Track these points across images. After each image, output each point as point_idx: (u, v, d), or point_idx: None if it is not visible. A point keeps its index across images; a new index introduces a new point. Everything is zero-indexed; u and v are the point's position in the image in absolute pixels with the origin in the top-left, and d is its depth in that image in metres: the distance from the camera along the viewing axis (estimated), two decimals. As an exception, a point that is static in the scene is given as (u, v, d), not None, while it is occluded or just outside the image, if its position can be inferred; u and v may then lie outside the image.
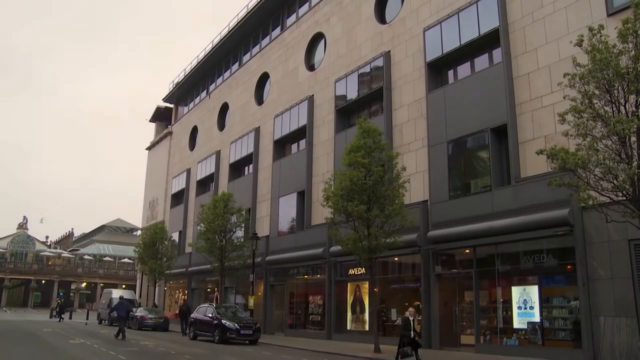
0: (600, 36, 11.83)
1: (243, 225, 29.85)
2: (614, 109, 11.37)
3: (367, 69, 24.51)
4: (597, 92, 11.61)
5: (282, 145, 31.04)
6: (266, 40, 35.19)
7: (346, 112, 25.98)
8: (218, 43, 39.47)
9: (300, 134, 28.88)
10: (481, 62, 19.82)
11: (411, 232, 19.09)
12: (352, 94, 25.20)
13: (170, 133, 49.65)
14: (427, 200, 20.02)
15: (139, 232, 65.95)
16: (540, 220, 15.52)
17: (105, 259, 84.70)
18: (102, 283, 76.22)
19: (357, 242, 17.92)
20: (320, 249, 24.36)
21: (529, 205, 16.02)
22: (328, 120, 26.58)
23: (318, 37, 29.56)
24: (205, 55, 41.60)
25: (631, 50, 11.28)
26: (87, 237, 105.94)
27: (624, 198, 11.19)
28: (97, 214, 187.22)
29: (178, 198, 44.73)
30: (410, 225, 18.14)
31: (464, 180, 19.24)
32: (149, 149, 55.27)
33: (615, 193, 11.27)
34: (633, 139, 11.04)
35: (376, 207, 17.92)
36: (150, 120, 54.86)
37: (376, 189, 17.87)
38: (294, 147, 30.34)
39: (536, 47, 17.25)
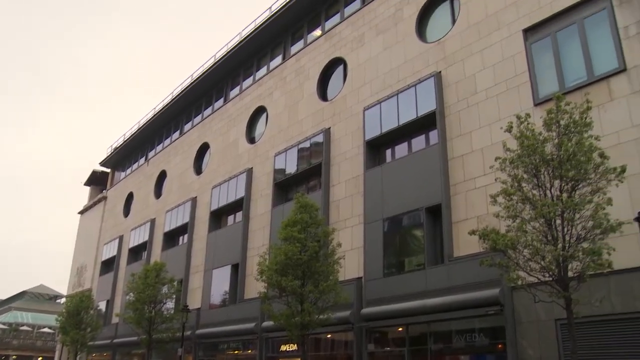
0: (528, 124, 12.52)
1: (174, 296, 29.00)
2: (541, 193, 11.89)
3: (307, 144, 24.89)
4: (525, 176, 12.15)
5: (218, 217, 30.75)
6: (208, 110, 35.48)
7: (284, 186, 26.12)
8: (160, 110, 39.51)
9: (238, 206, 28.74)
10: (418, 142, 20.44)
11: (345, 309, 18.98)
12: (291, 168, 25.45)
13: (104, 198, 48.55)
14: (361, 277, 20.05)
15: (63, 300, 62.87)
16: (471, 299, 15.72)
17: (22, 328, 79.11)
18: (15, 355, 70.65)
19: (289, 317, 17.64)
20: (252, 323, 23.85)
21: (461, 285, 16.24)
22: (266, 193, 26.64)
23: (260, 111, 30.00)
24: (147, 122, 41.45)
25: (555, 139, 11.98)
26: (5, 304, 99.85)
27: (551, 279, 11.53)
28: (18, 279, 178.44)
29: (108, 265, 43.25)
30: (344, 302, 18.02)
31: (398, 258, 19.43)
32: (81, 213, 53.67)
33: (542, 274, 11.60)
34: (558, 221, 11.52)
35: (310, 282, 17.80)
36: (85, 184, 53.52)
37: (311, 264, 17.80)
38: (231, 218, 30.11)
39: (470, 131, 17.97)
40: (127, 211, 43.58)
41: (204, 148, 34.72)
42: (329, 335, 21.02)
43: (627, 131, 13.95)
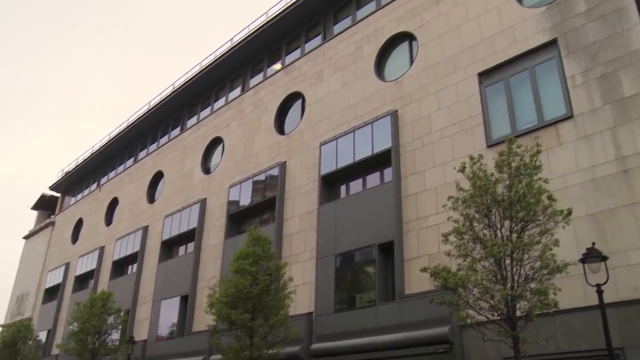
0: (480, 165, 12.82)
1: (120, 327, 28.21)
2: (492, 233, 12.13)
3: (262, 177, 24.86)
4: (477, 215, 12.39)
5: (169, 247, 30.26)
6: (165, 138, 35.18)
7: (238, 218, 25.94)
8: (115, 136, 38.91)
9: (190, 236, 28.35)
10: (373, 179, 20.63)
11: (295, 344, 18.79)
12: (246, 200, 25.33)
13: (52, 223, 47.17)
14: (312, 313, 19.92)
15: (-1, 330, 60.13)
16: (422, 337, 15.77)
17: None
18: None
19: (238, 352, 17.34)
20: (200, 357, 23.33)
21: (412, 322, 16.29)
22: (219, 225, 26.39)
23: (217, 141, 29.91)
24: (101, 147, 40.69)
25: (506, 180, 12.29)
26: None
27: (499, 317, 11.69)
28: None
29: (52, 293, 41.77)
30: (294, 337, 17.85)
31: (349, 294, 19.41)
32: (26, 238, 51.95)
33: (491, 312, 11.75)
34: (507, 261, 11.75)
35: (260, 316, 17.60)
36: (33, 208, 51.90)
37: (262, 298, 17.63)
38: (182, 249, 29.65)
39: (424, 170, 18.26)
40: (75, 237, 42.42)
41: (158, 176, 34.29)
42: (277, 371, 20.72)
43: (573, 175, 14.43)
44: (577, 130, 14.88)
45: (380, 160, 19.94)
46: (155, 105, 34.79)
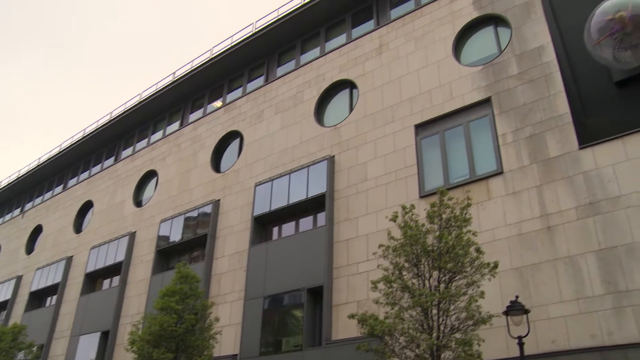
0: (412, 215, 13.06)
1: (32, 364, 26.76)
2: (420, 282, 12.30)
3: (194, 214, 24.51)
4: (406, 264, 12.56)
5: (93, 279, 29.21)
6: (97, 168, 34.30)
7: (167, 254, 25.38)
8: (45, 162, 37.65)
9: (116, 269, 27.48)
10: (306, 223, 20.65)
11: (216, 386, 18.34)
12: (176, 236, 24.86)
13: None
14: (237, 355, 19.50)
15: None
16: (345, 384, 15.66)
17: None
18: None
19: (159, 392, 16.79)
20: (115, 397, 22.45)
21: (336, 369, 16.18)
22: (147, 259, 25.74)
23: (151, 174, 29.39)
24: (28, 172, 39.25)
25: (436, 231, 12.55)
26: None
27: (424, 367, 11.77)
28: None
29: (-40, 325, 39.51)
30: (217, 379, 17.46)
31: (276, 337, 19.15)
32: None
33: (416, 362, 11.82)
34: (434, 311, 11.91)
35: (184, 356, 17.12)
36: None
37: (186, 337, 17.20)
38: (107, 282, 28.67)
39: (357, 217, 18.42)
40: (-11, 266, 40.46)
41: (87, 206, 33.28)
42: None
43: (501, 229, 14.88)
44: (506, 186, 15.42)
45: (314, 205, 20.03)
46: (90, 134, 33.97)
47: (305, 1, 24.39)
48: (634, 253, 12.57)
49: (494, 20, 18.63)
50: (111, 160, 33.55)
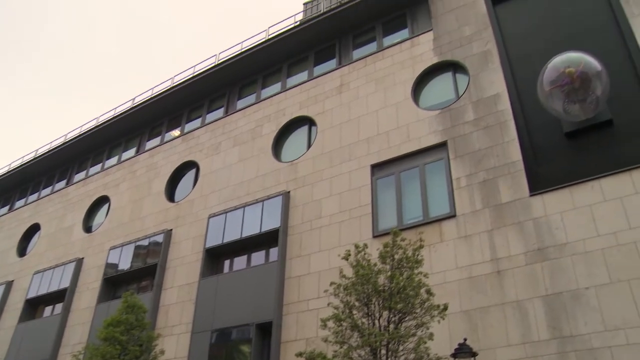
0: (365, 254, 13.09)
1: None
2: (370, 322, 12.26)
3: (145, 242, 24.07)
4: (357, 304, 12.51)
5: (34, 306, 28.16)
6: (47, 190, 33.43)
7: (115, 283, 24.76)
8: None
9: (59, 296, 26.57)
10: (258, 257, 20.48)
11: (157, 421, 17.78)
12: (125, 264, 24.31)
13: None
14: (180, 389, 19.08)
15: None
16: None
17: None
18: None
19: None
20: None
21: (281, 407, 15.91)
22: (93, 287, 25.04)
23: (103, 200, 28.80)
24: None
25: (388, 271, 12.57)
26: None
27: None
28: None
29: None
30: (158, 414, 16.95)
31: (221, 372, 18.78)
32: None
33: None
34: (383, 351, 11.85)
35: (126, 389, 16.64)
36: None
37: (129, 370, 16.74)
38: (48, 309, 27.70)
39: (310, 253, 18.37)
40: None
41: (33, 229, 32.31)
42: None
43: (452, 272, 15.03)
44: (458, 229, 15.63)
45: (268, 239, 19.90)
46: (42, 155, 33.18)
47: (269, 37, 24.66)
48: (579, 299, 12.85)
49: (453, 67, 19.14)
50: (62, 183, 32.78)
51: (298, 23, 25.02)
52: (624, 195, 13.55)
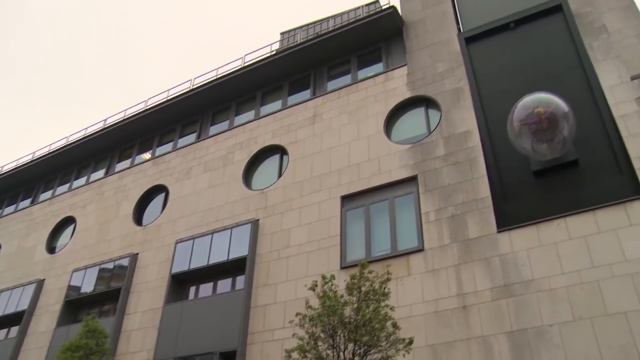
0: (332, 285, 13.03)
1: None
2: (335, 354, 12.15)
3: (110, 266, 23.65)
4: (322, 335, 12.40)
5: (-12, 329, 27.37)
6: (10, 208, 32.76)
7: (76, 306, 24.21)
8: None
9: (16, 319, 25.85)
10: (224, 285, 20.26)
11: None
12: (88, 287, 23.81)
13: None
14: (138, 418, 18.63)
15: None
16: None
17: None
18: None
19: None
20: None
21: None
22: (53, 310, 24.43)
23: (69, 221, 28.31)
24: None
25: (355, 303, 12.52)
26: None
27: None
28: None
29: None
30: None
31: (182, 401, 18.40)
32: None
33: None
34: (347, 384, 11.75)
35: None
36: None
37: (86, 397, 16.31)
38: (2, 333, 26.85)
39: (277, 283, 18.23)
40: None
41: (-7, 249, 31.52)
42: None
43: (418, 306, 15.04)
44: (426, 263, 15.70)
45: (235, 267, 19.73)
46: (7, 172, 32.60)
47: (245, 64, 24.78)
48: (543, 336, 12.96)
49: (426, 102, 19.43)
50: (27, 201, 32.17)
51: (274, 52, 25.24)
52: (587, 234, 13.81)
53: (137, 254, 23.15)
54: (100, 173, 29.09)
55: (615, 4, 18.79)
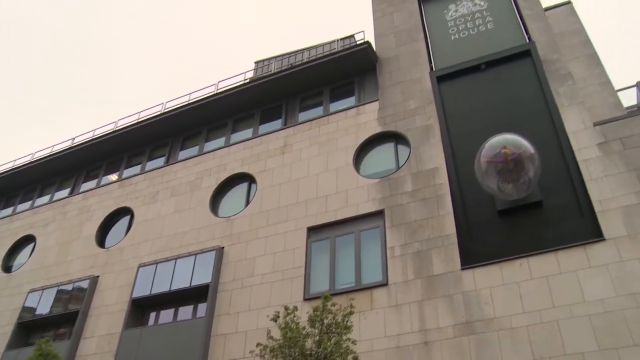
0: (294, 316, 12.94)
1: None
2: (292, 386, 12.03)
3: (69, 287, 23.12)
4: (283, 366, 12.28)
5: None
6: (-33, 226, 31.91)
7: (30, 328, 23.51)
8: None
9: (-36, 341, 25.03)
10: (185, 312, 19.94)
11: None
12: (44, 309, 23.19)
13: None
14: None
15: None
16: None
17: None
18: None
19: None
20: None
21: None
22: (4, 332, 23.63)
23: (28, 239, 27.65)
24: None
25: (316, 335, 12.44)
26: None
27: None
28: None
29: None
30: None
31: None
32: None
33: None
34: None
35: None
36: None
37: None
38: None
39: (239, 312, 18.03)
40: None
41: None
42: None
43: (380, 340, 15.00)
44: (389, 298, 15.71)
45: (197, 294, 19.46)
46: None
47: (218, 91, 24.81)
48: (502, 377, 13.01)
49: (395, 138, 19.65)
50: (-15, 219, 31.38)
51: (248, 80, 25.32)
52: (549, 275, 14.02)
53: (98, 276, 22.70)
54: (65, 192, 28.59)
55: (580, 53, 19.51)
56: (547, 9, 21.25)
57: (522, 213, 15.50)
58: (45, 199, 29.24)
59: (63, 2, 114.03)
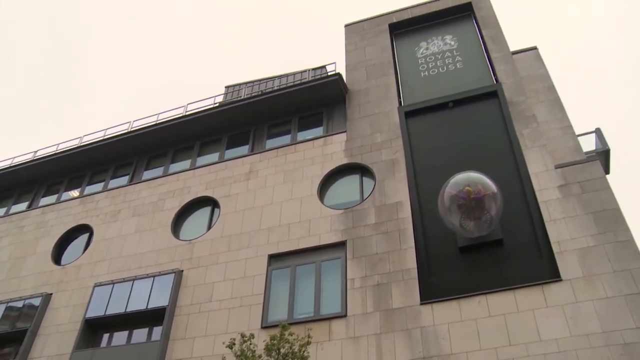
0: (250, 344, 12.81)
1: None
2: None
3: (19, 304, 22.45)
4: (236, 395, 12.09)
5: None
6: None
7: (-25, 346, 22.78)
8: None
9: None
10: (140, 335, 19.52)
11: None
12: (-9, 326, 22.48)
13: None
14: None
15: None
16: None
17: None
18: None
19: None
20: None
21: None
22: (-53, 349, 22.89)
23: (-20, 255, 26.89)
24: None
25: (273, 365, 12.32)
26: None
27: None
28: None
29: None
30: None
31: None
32: None
33: None
34: None
35: None
36: None
37: None
38: None
39: (195, 337, 17.73)
40: None
41: None
42: None
43: (336, 373, 14.90)
44: (347, 329, 15.64)
45: (153, 317, 19.10)
46: None
47: (186, 113, 24.72)
48: (455, 415, 13.00)
49: (361, 170, 19.78)
50: None
51: (217, 104, 25.31)
52: (507, 313, 14.17)
53: (51, 294, 22.11)
54: (22, 206, 27.93)
55: (544, 97, 20.06)
56: (514, 53, 21.79)
57: (483, 250, 15.70)
58: (1, 211, 28.53)
59: (30, 6, 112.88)
